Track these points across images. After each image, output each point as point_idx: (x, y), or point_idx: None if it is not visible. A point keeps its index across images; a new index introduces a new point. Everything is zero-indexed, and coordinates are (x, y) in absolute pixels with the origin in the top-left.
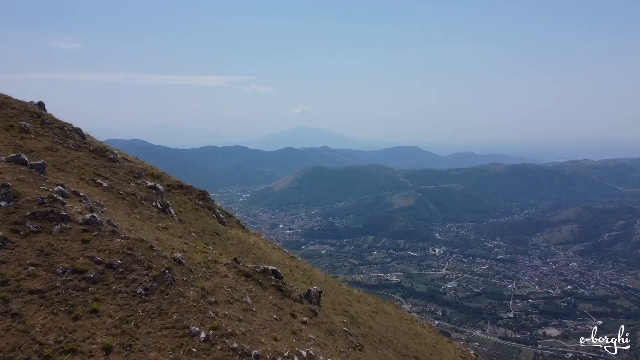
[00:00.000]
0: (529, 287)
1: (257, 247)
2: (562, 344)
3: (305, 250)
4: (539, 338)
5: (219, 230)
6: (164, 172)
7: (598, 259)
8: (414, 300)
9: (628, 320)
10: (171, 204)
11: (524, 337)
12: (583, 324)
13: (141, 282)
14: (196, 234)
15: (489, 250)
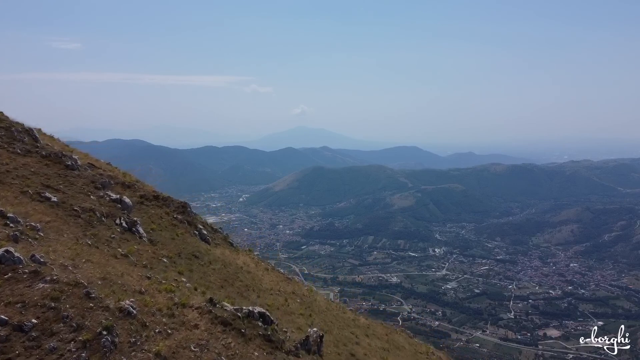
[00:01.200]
0: (530, 287)
1: (246, 271)
2: (562, 345)
3: (305, 250)
4: (539, 339)
5: (200, 251)
6: (138, 180)
7: (598, 259)
8: (414, 301)
9: (629, 321)
10: (142, 220)
11: (525, 338)
12: (584, 324)
13: (63, 352)
14: (169, 260)
15: (489, 251)
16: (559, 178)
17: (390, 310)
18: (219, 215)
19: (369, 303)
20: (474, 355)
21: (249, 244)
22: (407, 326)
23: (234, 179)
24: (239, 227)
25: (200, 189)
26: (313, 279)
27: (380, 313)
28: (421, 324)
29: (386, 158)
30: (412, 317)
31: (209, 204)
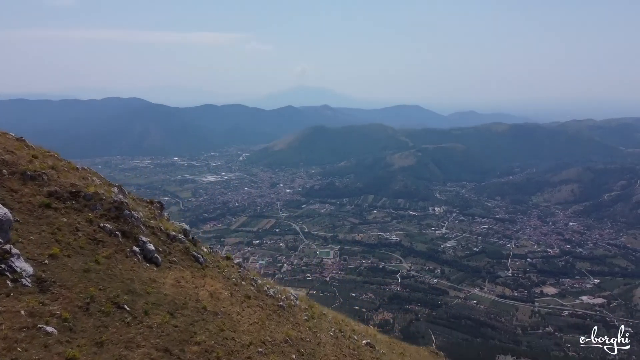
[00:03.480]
0: (528, 246)
1: (213, 312)
2: (559, 302)
3: (305, 209)
4: (536, 296)
5: (134, 290)
6: (56, 166)
7: (597, 218)
8: (413, 259)
9: (625, 279)
10: (35, 240)
11: (522, 295)
12: (580, 282)
13: None
14: (60, 324)
15: (489, 210)
16: (560, 138)
17: (390, 268)
18: (219, 174)
19: (368, 261)
20: (471, 311)
21: (248, 204)
22: (406, 284)
23: (234, 138)
24: (239, 186)
25: (200, 148)
26: (313, 237)
27: (380, 271)
28: (420, 281)
29: (387, 117)
30: (411, 275)
31: (209, 162)
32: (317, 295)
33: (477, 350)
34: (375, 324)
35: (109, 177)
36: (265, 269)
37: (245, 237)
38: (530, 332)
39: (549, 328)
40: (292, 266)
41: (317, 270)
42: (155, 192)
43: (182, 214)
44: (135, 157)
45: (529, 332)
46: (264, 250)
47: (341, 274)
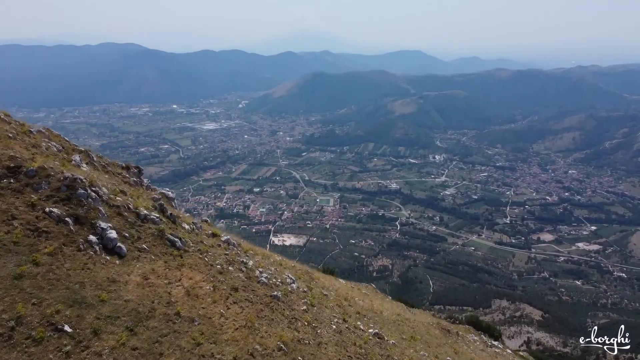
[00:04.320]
0: (527, 194)
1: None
2: (555, 249)
3: (306, 157)
4: (533, 243)
5: (82, 299)
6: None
7: (597, 166)
8: (413, 207)
9: (621, 226)
10: None
11: (519, 242)
12: (577, 229)
13: None
14: None
15: (489, 158)
16: (564, 84)
17: (389, 215)
18: (218, 122)
19: (368, 209)
20: (468, 258)
21: (248, 152)
22: (405, 231)
23: (233, 85)
24: (239, 134)
25: (198, 95)
26: (313, 185)
27: (379, 218)
28: (419, 228)
29: (389, 63)
30: (410, 222)
31: (208, 110)
32: (318, 242)
33: (474, 295)
34: (375, 269)
35: (107, 126)
36: (266, 217)
37: (246, 185)
38: (525, 278)
39: (544, 273)
40: (292, 214)
41: (317, 218)
42: (154, 140)
43: (182, 162)
44: (133, 104)
45: (525, 278)
46: (265, 198)
47: (341, 221)
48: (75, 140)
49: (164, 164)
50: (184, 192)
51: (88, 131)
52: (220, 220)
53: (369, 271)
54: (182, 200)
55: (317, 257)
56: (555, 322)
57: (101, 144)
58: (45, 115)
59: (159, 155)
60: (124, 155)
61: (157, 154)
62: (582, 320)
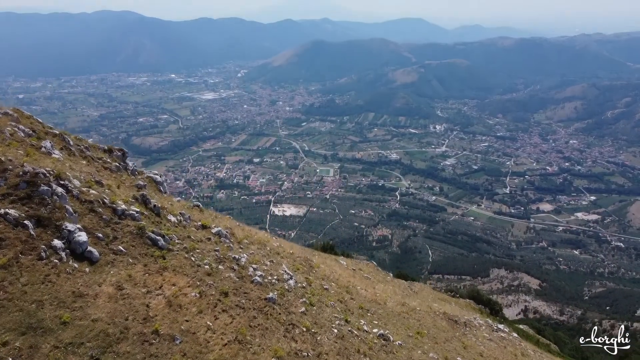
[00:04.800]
0: (527, 164)
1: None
2: (553, 219)
3: (306, 127)
4: (532, 213)
5: (38, 322)
6: None
7: (598, 136)
8: (413, 177)
9: (620, 196)
10: None
11: (518, 212)
12: (576, 199)
13: None
14: None
15: (490, 128)
16: (568, 53)
17: (389, 185)
18: (217, 92)
19: (368, 179)
20: (467, 228)
21: (248, 122)
22: (405, 201)
23: (232, 54)
24: (238, 104)
25: (196, 64)
26: (313, 155)
27: (379, 188)
28: (418, 198)
29: (390, 31)
30: (410, 193)
31: (207, 79)
32: (317, 212)
33: (472, 264)
34: (375, 239)
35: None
36: (266, 187)
37: (246, 156)
38: (524, 247)
39: (542, 243)
40: (292, 184)
41: (317, 188)
42: (153, 111)
43: (182, 133)
44: (131, 73)
45: (523, 247)
46: (265, 168)
47: (341, 191)
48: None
49: (163, 135)
50: (183, 162)
51: (86, 101)
52: (220, 190)
53: (368, 241)
54: (182, 171)
55: (317, 228)
56: (552, 290)
57: (99, 114)
58: (42, 85)
59: (158, 125)
60: (123, 126)
61: (156, 124)
62: (579, 289)
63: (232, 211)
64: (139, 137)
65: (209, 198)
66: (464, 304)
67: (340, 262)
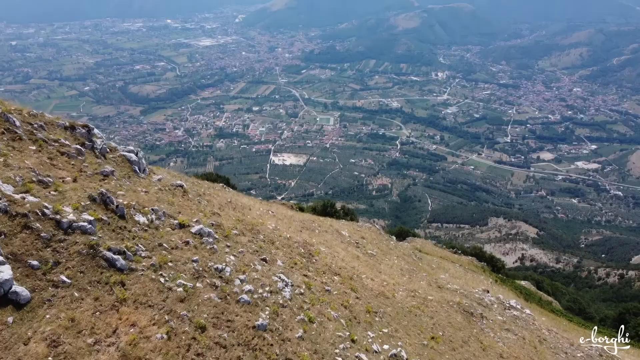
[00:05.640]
0: (529, 112)
1: None
2: (554, 167)
3: (305, 74)
4: (532, 162)
5: None
6: None
7: (603, 84)
8: (413, 126)
9: (622, 145)
10: None
11: (518, 160)
12: (577, 148)
13: None
14: None
15: (493, 75)
16: None
17: (390, 134)
18: (214, 38)
19: (368, 128)
20: (467, 177)
21: (246, 69)
22: (405, 150)
23: None
24: (237, 51)
25: (192, 8)
26: (313, 103)
27: (379, 137)
28: (419, 147)
29: None
30: (410, 142)
31: (204, 25)
32: (318, 161)
33: (471, 213)
34: (375, 188)
35: (100, 42)
36: (265, 136)
37: (245, 104)
38: (523, 196)
39: (541, 192)
40: (292, 133)
41: (317, 137)
42: (150, 58)
43: (180, 81)
44: (125, 19)
45: (522, 196)
46: (264, 117)
47: (341, 140)
48: (67, 57)
49: (160, 82)
50: (182, 111)
51: (81, 48)
52: (219, 139)
53: (368, 190)
54: (181, 120)
55: (317, 177)
56: (549, 239)
57: (95, 61)
58: (35, 31)
59: (155, 73)
60: (120, 74)
61: (153, 72)
62: (575, 237)
63: (231, 160)
64: (136, 85)
65: (208, 147)
66: (466, 262)
67: (342, 234)
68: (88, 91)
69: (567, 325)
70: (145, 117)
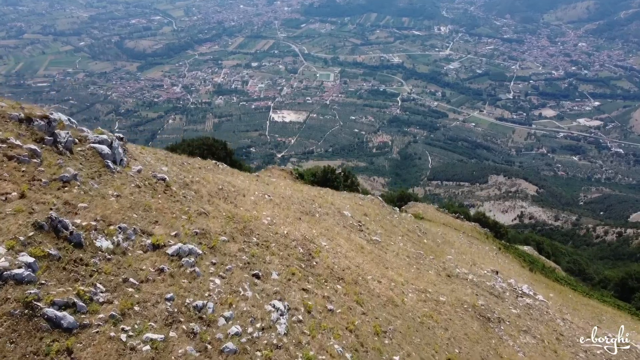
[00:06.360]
0: (533, 68)
1: None
2: (555, 124)
3: (305, 29)
4: (534, 119)
5: None
6: None
7: (609, 38)
8: (415, 82)
9: (625, 102)
10: None
11: (520, 118)
12: (580, 104)
13: None
14: None
15: (497, 30)
16: None
17: (390, 90)
18: None
19: (369, 84)
20: (468, 134)
21: (244, 23)
22: (406, 107)
23: None
24: (234, 4)
25: None
26: (313, 59)
27: (380, 94)
28: (420, 104)
29: None
30: (411, 98)
31: None
32: (318, 118)
33: (471, 171)
34: (375, 146)
35: None
36: (265, 93)
37: (243, 59)
38: (523, 153)
39: (542, 149)
40: (292, 89)
41: (317, 94)
42: (145, 11)
43: (177, 35)
44: None
45: (523, 153)
46: (263, 73)
47: (341, 97)
48: (61, 11)
49: (157, 37)
50: (180, 67)
51: (74, 1)
52: (218, 96)
53: (368, 148)
54: (179, 76)
55: (317, 134)
56: (549, 196)
57: (89, 15)
58: None
59: (151, 27)
60: (115, 28)
61: (149, 26)
62: (575, 194)
63: (231, 118)
64: (132, 40)
65: (207, 104)
66: (469, 229)
67: (344, 214)
68: (83, 46)
69: (573, 299)
70: (143, 73)
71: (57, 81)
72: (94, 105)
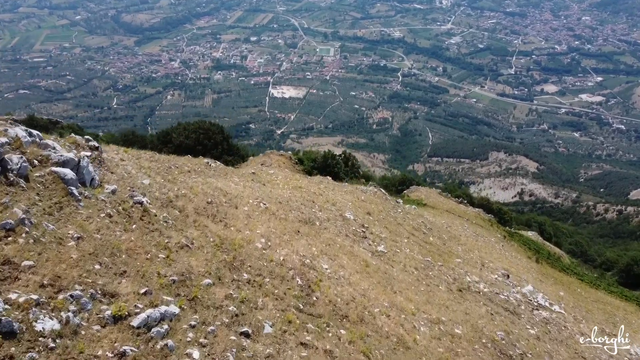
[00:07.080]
0: (535, 42)
1: None
2: (557, 100)
3: (304, 2)
4: (536, 94)
5: None
6: None
7: (613, 12)
8: (416, 57)
9: (628, 77)
10: None
11: (522, 93)
12: (582, 80)
13: None
14: None
15: (499, 3)
16: None
17: (391, 66)
18: None
19: (369, 59)
20: (469, 110)
21: None
22: (407, 82)
23: None
24: None
25: None
26: (313, 33)
27: (381, 69)
28: (421, 79)
29: None
30: (412, 73)
31: None
32: (317, 94)
33: (472, 147)
34: (375, 122)
35: None
36: (264, 68)
37: (242, 34)
38: (524, 130)
39: (543, 125)
40: (291, 65)
41: (317, 69)
42: None
43: (174, 9)
44: None
45: (524, 130)
46: (262, 47)
47: (341, 72)
48: None
49: (154, 11)
50: (178, 41)
51: None
52: (217, 72)
53: (368, 124)
54: (177, 51)
55: (317, 110)
56: (549, 173)
57: None
58: None
59: (148, 1)
60: (111, 1)
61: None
62: (575, 171)
63: (230, 93)
64: (129, 14)
65: (206, 79)
66: (473, 215)
67: (346, 217)
68: (79, 20)
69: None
70: (140, 48)
71: (54, 56)
72: (92, 81)
